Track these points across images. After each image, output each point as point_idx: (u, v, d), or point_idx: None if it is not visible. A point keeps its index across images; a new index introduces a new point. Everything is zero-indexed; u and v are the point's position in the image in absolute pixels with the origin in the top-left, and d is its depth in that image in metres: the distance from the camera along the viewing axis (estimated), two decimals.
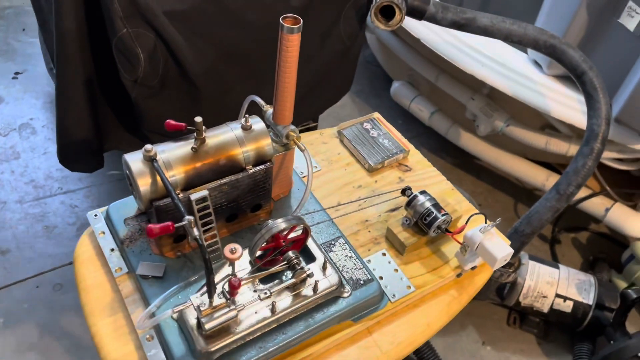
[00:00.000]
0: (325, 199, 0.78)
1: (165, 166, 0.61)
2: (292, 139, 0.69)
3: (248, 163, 0.66)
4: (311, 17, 1.23)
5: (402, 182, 0.83)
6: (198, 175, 0.63)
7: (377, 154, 0.84)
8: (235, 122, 0.69)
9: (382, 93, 2.12)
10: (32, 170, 1.66)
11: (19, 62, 2.00)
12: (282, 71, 0.65)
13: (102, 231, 0.71)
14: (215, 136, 0.66)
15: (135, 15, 1.01)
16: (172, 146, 0.64)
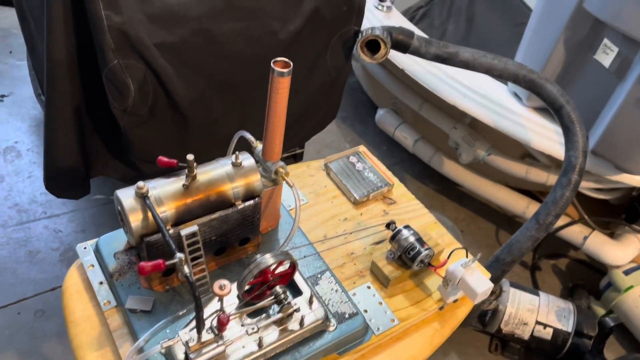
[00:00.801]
0: (312, 232, 0.80)
1: (156, 202, 0.63)
2: (281, 175, 0.71)
3: (237, 198, 0.68)
4: (298, 50, 1.27)
5: (387, 215, 0.85)
6: (188, 210, 0.65)
7: (363, 187, 0.86)
8: (225, 159, 0.70)
9: (368, 119, 2.16)
10: (16, 194, 1.65)
11: (5, 85, 2.00)
12: (272, 111, 0.68)
13: (92, 264, 0.72)
14: (205, 172, 0.67)
15: (126, 47, 1.03)
16: (163, 182, 0.65)
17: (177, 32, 1.09)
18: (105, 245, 0.71)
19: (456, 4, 2.16)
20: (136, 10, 1.03)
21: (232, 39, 1.16)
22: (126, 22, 1.01)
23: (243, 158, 0.69)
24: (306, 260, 0.74)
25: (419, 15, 2.14)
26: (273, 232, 0.77)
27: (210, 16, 1.11)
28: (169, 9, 1.06)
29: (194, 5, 1.09)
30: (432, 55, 1.30)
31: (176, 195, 0.64)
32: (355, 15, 1.28)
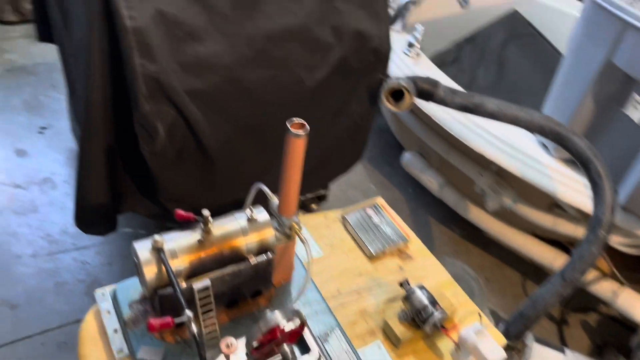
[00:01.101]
0: (325, 285, 0.80)
1: (171, 255, 0.64)
2: (295, 231, 0.72)
3: (250, 253, 0.69)
4: (324, 96, 1.29)
5: (402, 270, 0.85)
6: (202, 264, 0.66)
7: (379, 241, 0.86)
8: (240, 212, 0.72)
9: (394, 161, 2.16)
10: (49, 224, 1.71)
11: (45, 117, 2.09)
12: (287, 170, 0.69)
13: (108, 310, 0.73)
14: (220, 226, 0.69)
15: (158, 94, 1.07)
16: (179, 236, 0.67)
17: (207, 79, 1.13)
18: (122, 292, 0.73)
19: (487, 48, 2.17)
20: (169, 60, 1.07)
21: (260, 86, 1.20)
22: (159, 70, 1.05)
23: (258, 212, 0.71)
24: (317, 316, 0.74)
25: (449, 59, 2.16)
26: (286, 285, 0.78)
27: (240, 65, 1.15)
28: (200, 57, 1.11)
29: (224, 54, 1.13)
30: (457, 105, 1.30)
31: (191, 249, 0.65)
32: (382, 64, 1.31)
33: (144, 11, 1.02)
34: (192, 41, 1.09)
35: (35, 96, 2.18)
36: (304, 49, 1.21)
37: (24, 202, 1.75)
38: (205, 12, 1.09)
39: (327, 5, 1.21)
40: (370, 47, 1.26)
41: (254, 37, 1.15)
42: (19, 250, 1.61)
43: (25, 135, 1.99)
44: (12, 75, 2.26)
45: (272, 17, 1.16)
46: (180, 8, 1.06)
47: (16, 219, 1.70)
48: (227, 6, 1.11)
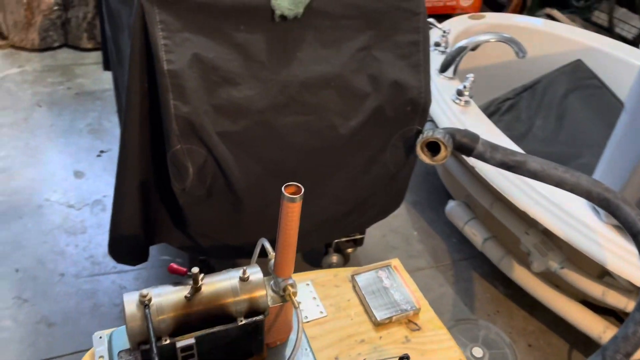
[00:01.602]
0: (324, 351, 0.77)
1: (157, 311, 0.64)
2: (289, 293, 0.70)
3: (239, 314, 0.68)
4: (358, 144, 1.27)
5: (408, 342, 0.80)
6: (188, 322, 0.65)
7: (386, 307, 0.82)
8: (235, 270, 0.71)
9: (440, 207, 2.09)
10: (94, 246, 1.78)
11: (105, 141, 2.21)
12: (282, 233, 0.67)
13: (102, 356, 0.74)
14: (212, 284, 0.68)
15: (189, 134, 1.10)
16: (168, 290, 0.67)
17: (239, 122, 1.15)
18: (117, 339, 0.74)
19: (547, 98, 2.08)
20: (203, 102, 1.10)
21: (292, 130, 1.20)
22: (192, 112, 1.08)
23: (251, 272, 0.69)
24: None
25: (505, 107, 2.08)
26: (281, 347, 0.75)
27: (273, 109, 1.16)
28: (233, 101, 1.13)
29: (257, 98, 1.14)
30: (497, 162, 1.24)
31: (177, 306, 0.65)
32: (419, 116, 1.27)
33: (182, 55, 1.06)
34: (227, 85, 1.12)
35: (99, 120, 2.31)
36: (339, 96, 1.21)
37: (75, 223, 1.84)
38: (242, 58, 1.11)
39: (365, 54, 1.20)
40: (408, 97, 1.24)
41: (288, 84, 1.16)
42: (64, 269, 1.69)
43: (85, 157, 2.11)
44: (81, 99, 2.42)
45: (308, 65, 1.17)
46: (218, 53, 1.09)
47: (66, 238, 1.79)
48: (264, 54, 1.13)
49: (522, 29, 2.23)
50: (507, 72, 2.29)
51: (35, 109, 2.31)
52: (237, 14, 1.09)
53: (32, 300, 1.59)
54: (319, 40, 1.17)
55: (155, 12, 1.03)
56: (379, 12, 1.18)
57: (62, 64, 2.63)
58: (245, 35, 1.11)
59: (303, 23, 1.14)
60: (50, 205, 1.89)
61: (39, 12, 2.55)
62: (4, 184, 1.94)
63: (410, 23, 1.21)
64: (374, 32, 1.20)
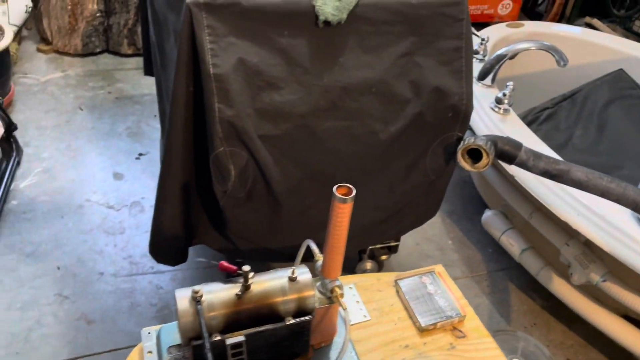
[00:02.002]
0: (368, 355, 0.76)
1: (208, 307, 0.65)
2: (336, 295, 0.70)
3: (288, 314, 0.68)
4: (398, 150, 1.27)
5: (453, 348, 0.79)
6: (238, 319, 0.66)
7: (431, 313, 0.81)
8: (284, 270, 0.71)
9: (475, 217, 2.06)
10: (132, 246, 1.81)
11: (144, 144, 2.26)
12: (332, 234, 0.68)
13: (150, 351, 0.75)
14: (261, 282, 0.69)
15: (233, 137, 1.12)
16: (219, 287, 0.68)
17: (281, 126, 1.16)
18: (166, 335, 0.75)
19: (587, 108, 2.04)
20: (246, 105, 1.11)
21: (332, 135, 1.21)
22: (236, 115, 1.10)
23: (300, 273, 0.70)
24: None
25: (543, 116, 2.05)
26: (326, 349, 0.75)
27: (314, 114, 1.17)
28: (276, 105, 1.14)
29: (299, 103, 1.15)
30: (540, 170, 1.22)
31: (228, 303, 0.66)
32: (460, 122, 1.27)
33: (227, 59, 1.08)
34: (270, 89, 1.13)
35: (138, 124, 2.36)
36: (380, 101, 1.21)
37: (114, 223, 1.89)
38: (285, 63, 1.13)
39: (407, 59, 1.20)
40: (449, 104, 1.23)
41: (330, 89, 1.16)
42: (103, 268, 1.73)
43: (124, 160, 2.16)
44: (121, 103, 2.48)
45: (350, 70, 1.17)
46: (262, 58, 1.11)
47: (105, 237, 1.83)
48: (307, 59, 1.14)
49: (562, 38, 2.20)
50: (545, 81, 2.25)
51: (77, 112, 2.38)
52: (282, 19, 1.11)
53: (72, 298, 1.63)
54: (361, 45, 1.18)
55: (203, 17, 1.06)
56: (422, 18, 1.18)
57: (103, 69, 2.70)
58: (289, 40, 1.13)
59: (346, 28, 1.15)
60: (90, 205, 1.94)
61: (82, 18, 2.63)
62: (47, 184, 2.00)
63: (453, 29, 1.21)
64: (416, 38, 1.20)
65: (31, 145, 2.16)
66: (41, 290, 1.64)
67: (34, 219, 1.86)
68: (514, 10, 2.68)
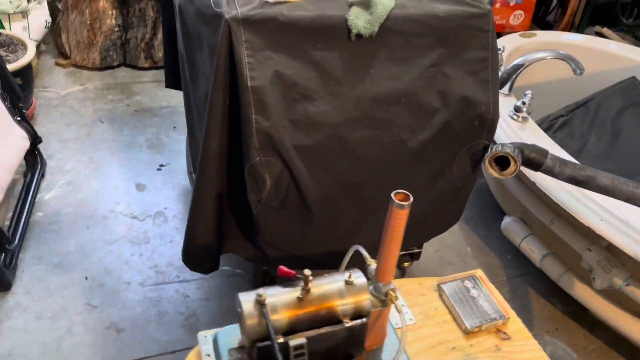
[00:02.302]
0: (417, 357, 0.79)
1: (272, 310, 0.68)
2: (391, 298, 0.73)
3: (346, 316, 0.71)
4: (425, 158, 1.30)
5: (499, 350, 0.82)
6: (299, 322, 0.69)
7: (476, 316, 0.84)
8: (338, 274, 0.74)
9: (492, 224, 2.09)
10: (158, 256, 1.84)
11: (165, 156, 2.29)
12: (388, 238, 0.71)
13: (208, 354, 0.78)
14: (319, 286, 0.72)
15: (269, 147, 1.15)
16: (280, 291, 0.70)
17: (314, 136, 1.19)
18: (223, 338, 0.78)
19: (600, 115, 2.07)
20: (282, 117, 1.15)
21: (363, 144, 1.24)
22: (272, 126, 1.14)
23: (355, 276, 0.73)
24: None
25: (558, 124, 2.09)
26: (377, 351, 0.78)
27: (346, 124, 1.21)
28: (310, 116, 1.18)
29: (332, 113, 1.19)
30: (566, 177, 1.25)
31: (290, 306, 0.69)
32: (487, 131, 1.30)
33: (264, 72, 1.12)
34: (304, 101, 1.17)
35: (157, 136, 2.40)
36: (408, 111, 1.24)
37: (139, 233, 1.92)
38: (319, 75, 1.17)
39: (435, 70, 1.24)
40: (476, 112, 1.27)
41: (361, 99, 1.20)
42: (130, 278, 1.76)
43: (146, 171, 2.19)
44: (140, 116, 2.52)
45: (380, 81, 1.21)
46: (297, 70, 1.15)
47: (130, 247, 1.86)
48: (339, 70, 1.17)
49: (574, 47, 2.24)
50: (557, 89, 2.29)
51: (98, 125, 2.42)
52: (316, 33, 1.15)
53: (101, 307, 1.66)
54: (391, 57, 1.21)
55: (241, 32, 1.10)
56: (449, 30, 1.22)
57: (121, 82, 2.74)
58: (323, 53, 1.16)
59: (376, 41, 1.19)
60: (114, 216, 1.97)
61: (100, 33, 2.68)
62: (71, 196, 2.03)
63: (479, 40, 1.25)
64: (444, 50, 1.23)
65: (54, 158, 2.20)
66: (70, 299, 1.67)
67: (59, 230, 1.89)
68: (526, 20, 2.73)
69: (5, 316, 1.59)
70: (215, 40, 1.15)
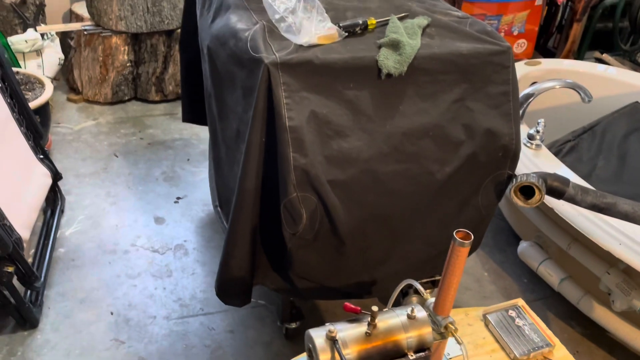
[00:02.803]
0: None
1: (342, 345, 0.71)
2: (451, 331, 0.77)
3: (410, 349, 0.74)
4: (452, 188, 1.35)
5: None
6: (368, 356, 0.72)
7: (523, 344, 0.87)
8: (400, 309, 0.78)
9: (507, 248, 2.14)
10: (181, 289, 1.86)
11: (181, 188, 2.33)
12: (449, 273, 0.75)
13: None
14: (383, 320, 0.75)
15: (305, 183, 1.20)
16: (347, 327, 0.74)
17: (347, 171, 1.24)
18: None
19: (607, 139, 2.14)
20: (317, 153, 1.20)
21: (393, 178, 1.29)
22: (308, 163, 1.18)
23: (416, 311, 0.76)
24: None
25: (566, 148, 2.15)
26: None
27: (377, 159, 1.25)
28: (343, 152, 1.22)
29: (364, 149, 1.24)
30: (588, 204, 1.30)
31: (359, 341, 0.72)
32: (510, 161, 1.35)
33: (301, 112, 1.17)
34: (338, 138, 1.22)
35: (172, 168, 2.44)
36: (436, 144, 1.30)
37: (161, 267, 1.94)
38: (352, 112, 1.22)
39: (460, 105, 1.30)
40: (500, 144, 1.32)
41: (391, 134, 1.25)
42: (155, 312, 1.77)
43: (163, 204, 2.22)
44: (153, 149, 2.56)
45: (409, 116, 1.26)
46: (331, 109, 1.20)
47: (153, 281, 1.88)
48: (371, 108, 1.23)
49: (578, 74, 2.32)
50: (563, 115, 2.36)
51: (113, 159, 2.46)
52: (348, 73, 1.20)
53: (128, 342, 1.67)
54: (419, 93, 1.27)
55: (279, 75, 1.15)
56: (472, 67, 1.28)
57: (133, 115, 2.79)
58: (355, 92, 1.22)
59: (405, 79, 1.24)
60: (135, 250, 1.99)
61: (113, 68, 2.73)
62: (92, 231, 2.05)
63: (500, 75, 1.31)
64: (467, 85, 1.29)
65: (72, 193, 2.23)
66: (97, 335, 1.68)
67: (82, 266, 1.91)
68: (529, 48, 2.83)
69: (35, 354, 1.60)
70: (251, 82, 1.20)
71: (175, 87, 2.87)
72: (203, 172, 2.43)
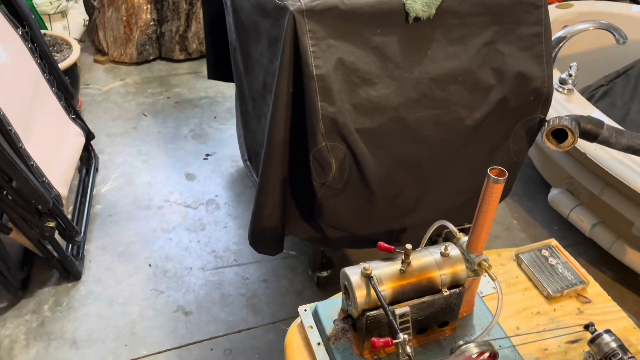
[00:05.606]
0: (504, 322, 0.84)
1: (377, 282, 0.73)
2: (485, 268, 0.78)
3: (444, 285, 0.76)
4: (482, 134, 1.34)
5: (581, 313, 0.86)
6: (402, 292, 0.74)
7: (556, 282, 0.88)
8: (434, 247, 0.79)
9: (536, 196, 2.12)
10: (214, 241, 1.92)
11: (209, 145, 2.36)
12: (482, 211, 0.75)
13: (311, 325, 0.84)
14: (417, 259, 0.77)
15: (333, 132, 1.20)
16: (382, 265, 0.76)
17: (376, 119, 1.24)
18: (323, 310, 0.83)
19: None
20: (345, 102, 1.19)
21: (422, 124, 1.28)
22: (337, 111, 1.18)
23: (450, 249, 0.77)
24: (501, 352, 0.78)
25: (599, 94, 2.09)
26: (468, 318, 0.83)
27: (406, 106, 1.25)
28: (371, 99, 1.22)
29: (392, 96, 1.23)
30: (622, 146, 1.28)
31: (393, 278, 0.74)
32: (542, 105, 1.33)
33: (328, 60, 1.16)
34: (366, 85, 1.21)
35: (200, 126, 2.46)
36: (465, 89, 1.28)
37: (194, 221, 1.99)
38: (379, 59, 1.20)
39: (490, 48, 1.27)
40: (532, 87, 1.29)
41: (420, 81, 1.24)
42: (190, 263, 1.83)
43: (193, 161, 2.26)
44: (181, 107, 2.58)
45: (438, 62, 1.24)
46: (358, 56, 1.19)
47: (187, 235, 1.93)
48: (398, 54, 1.21)
49: (612, 15, 2.23)
50: (596, 59, 2.29)
51: (142, 118, 2.49)
52: (375, 19, 1.18)
53: (167, 292, 1.74)
54: (447, 37, 1.24)
55: (305, 23, 1.14)
56: (503, 8, 1.25)
57: (159, 75, 2.81)
58: (382, 37, 1.20)
59: (433, 23, 1.22)
60: (169, 205, 2.05)
61: (136, 28, 2.74)
62: (126, 188, 2.11)
63: (532, 16, 1.27)
64: (498, 27, 1.26)
65: (105, 152, 2.28)
66: (137, 286, 1.75)
67: (119, 221, 1.97)
68: None
69: (80, 304, 1.69)
70: (277, 31, 1.19)
71: (199, 45, 2.86)
72: (230, 129, 2.45)
